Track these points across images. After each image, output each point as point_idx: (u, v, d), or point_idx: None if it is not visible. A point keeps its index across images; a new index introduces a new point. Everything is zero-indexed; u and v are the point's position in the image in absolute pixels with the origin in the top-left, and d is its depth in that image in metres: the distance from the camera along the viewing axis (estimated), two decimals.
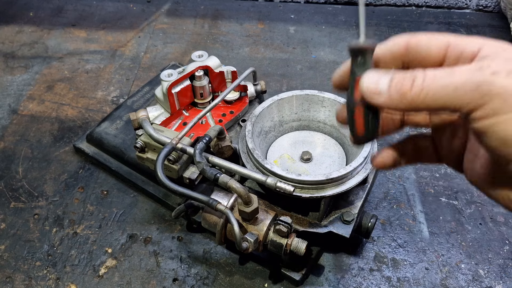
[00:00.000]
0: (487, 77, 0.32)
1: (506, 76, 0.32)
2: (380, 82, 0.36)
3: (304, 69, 1.22)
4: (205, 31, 1.36)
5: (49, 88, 1.16)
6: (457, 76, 0.33)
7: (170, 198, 0.87)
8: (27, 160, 0.98)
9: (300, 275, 0.76)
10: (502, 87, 0.31)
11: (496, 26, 1.37)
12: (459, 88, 0.33)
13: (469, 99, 0.33)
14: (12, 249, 0.83)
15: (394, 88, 0.35)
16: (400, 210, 0.89)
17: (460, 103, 0.33)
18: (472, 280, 0.79)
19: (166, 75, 0.79)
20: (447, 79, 0.33)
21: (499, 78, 0.32)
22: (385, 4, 1.46)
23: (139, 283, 0.78)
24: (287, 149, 0.80)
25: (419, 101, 0.34)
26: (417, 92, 0.34)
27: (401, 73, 0.35)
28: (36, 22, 1.38)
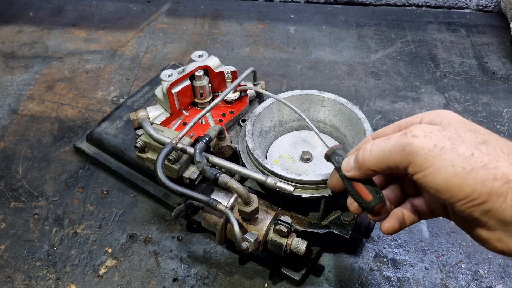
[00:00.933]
0: (409, 140, 0.42)
1: (424, 138, 0.41)
2: (350, 161, 0.50)
3: (304, 69, 1.22)
4: (205, 31, 1.36)
5: (49, 88, 1.16)
6: (390, 141, 0.43)
7: (170, 198, 0.87)
8: (27, 160, 0.98)
9: (300, 275, 0.76)
10: (419, 147, 0.41)
11: (496, 26, 1.37)
12: (392, 150, 0.43)
13: (400, 159, 0.42)
14: (12, 249, 0.83)
15: (355, 161, 0.48)
16: None
17: (395, 162, 0.43)
18: (472, 280, 0.79)
19: (166, 75, 0.79)
20: (384, 144, 0.44)
21: (417, 139, 0.41)
22: (385, 4, 1.46)
23: (139, 283, 0.78)
24: (287, 149, 0.80)
25: (369, 164, 0.46)
26: (366, 157, 0.46)
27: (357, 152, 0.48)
28: (36, 22, 1.38)
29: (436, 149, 0.41)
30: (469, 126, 0.43)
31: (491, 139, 0.42)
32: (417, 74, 1.21)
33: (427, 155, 0.41)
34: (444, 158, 0.40)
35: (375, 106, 1.11)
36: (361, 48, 1.29)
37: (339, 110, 0.78)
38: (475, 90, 1.16)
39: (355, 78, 1.19)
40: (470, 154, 0.40)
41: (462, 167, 0.40)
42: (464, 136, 0.42)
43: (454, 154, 0.40)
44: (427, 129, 0.42)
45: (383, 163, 0.45)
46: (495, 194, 0.39)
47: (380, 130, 0.51)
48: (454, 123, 0.43)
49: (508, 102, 1.12)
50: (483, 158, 0.40)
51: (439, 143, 0.41)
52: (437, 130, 0.42)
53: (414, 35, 1.34)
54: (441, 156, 0.40)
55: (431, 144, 0.41)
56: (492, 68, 1.22)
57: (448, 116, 0.45)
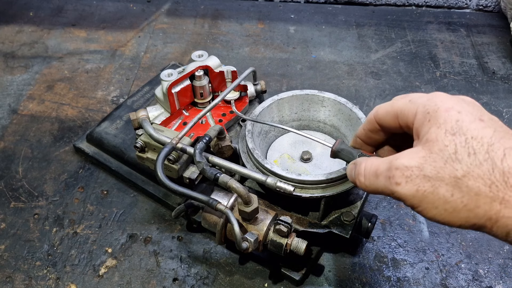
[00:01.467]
0: (394, 188, 0.44)
1: (405, 184, 0.43)
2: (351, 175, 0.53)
3: (304, 69, 1.22)
4: (205, 31, 1.36)
5: (49, 88, 1.16)
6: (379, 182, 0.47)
7: (170, 198, 0.87)
8: (27, 160, 0.98)
9: (300, 275, 0.76)
10: (404, 194, 0.44)
11: (496, 26, 1.37)
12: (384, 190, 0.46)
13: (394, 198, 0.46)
14: (12, 249, 0.83)
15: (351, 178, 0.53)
16: (400, 210, 0.89)
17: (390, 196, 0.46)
18: (472, 280, 0.79)
19: (166, 75, 0.79)
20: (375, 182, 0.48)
21: (400, 187, 0.44)
22: (385, 4, 1.46)
23: (139, 283, 0.78)
24: (287, 149, 0.80)
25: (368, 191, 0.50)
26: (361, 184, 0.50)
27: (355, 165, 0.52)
28: (36, 22, 1.38)
29: (418, 194, 0.42)
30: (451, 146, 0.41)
31: (473, 165, 0.40)
32: (417, 74, 1.21)
33: (413, 200, 0.43)
34: (427, 201, 0.42)
35: (375, 106, 1.11)
36: (361, 48, 1.29)
37: (339, 110, 0.78)
38: (475, 90, 1.16)
39: (355, 78, 1.19)
40: (449, 195, 0.41)
41: (443, 209, 0.42)
42: (443, 171, 0.41)
43: (434, 197, 0.42)
44: (406, 172, 0.43)
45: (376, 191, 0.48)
46: (481, 226, 0.41)
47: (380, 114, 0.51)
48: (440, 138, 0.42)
49: (508, 102, 1.12)
50: (463, 198, 0.41)
51: (420, 187, 0.42)
52: (417, 169, 0.42)
53: (414, 35, 1.34)
54: (424, 200, 0.42)
55: (413, 190, 0.43)
56: (492, 68, 1.22)
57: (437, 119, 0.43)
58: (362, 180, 0.50)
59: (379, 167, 0.47)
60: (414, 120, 0.46)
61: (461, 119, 0.42)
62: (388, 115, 0.50)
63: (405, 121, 0.48)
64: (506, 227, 0.40)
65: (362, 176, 0.50)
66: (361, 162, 0.50)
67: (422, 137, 0.44)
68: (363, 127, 0.55)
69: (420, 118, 0.45)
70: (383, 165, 0.46)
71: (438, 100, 0.45)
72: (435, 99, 0.45)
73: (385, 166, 0.46)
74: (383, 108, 0.51)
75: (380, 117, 0.51)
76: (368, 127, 0.54)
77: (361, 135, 0.56)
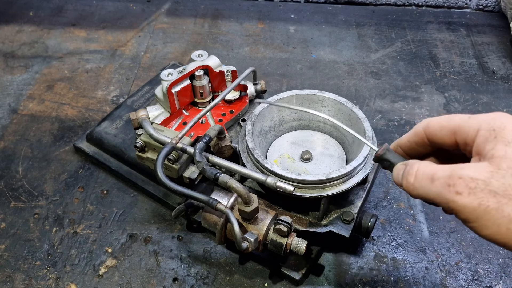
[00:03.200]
0: (453, 196, 0.41)
1: (468, 196, 0.41)
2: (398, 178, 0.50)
3: (304, 68, 1.22)
4: (205, 30, 1.36)
5: (49, 88, 1.16)
6: (434, 187, 0.43)
7: (170, 197, 0.87)
8: (27, 160, 0.98)
9: (300, 274, 0.76)
10: (463, 206, 0.41)
11: (496, 26, 1.37)
12: (436, 198, 0.43)
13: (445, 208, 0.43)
14: (12, 248, 0.83)
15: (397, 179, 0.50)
16: (400, 210, 0.89)
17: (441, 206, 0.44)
18: (472, 280, 0.79)
19: (166, 74, 0.79)
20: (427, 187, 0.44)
21: (461, 198, 0.41)
22: (385, 3, 1.46)
23: (139, 283, 0.78)
24: (287, 148, 0.80)
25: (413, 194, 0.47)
26: (410, 189, 0.47)
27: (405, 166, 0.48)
28: (36, 21, 1.38)
29: (480, 209, 0.40)
30: None
31: None
32: (417, 74, 1.21)
33: (471, 214, 0.41)
34: (488, 218, 0.40)
35: (375, 106, 1.11)
36: (361, 48, 1.29)
37: (339, 110, 0.78)
38: (475, 89, 1.16)
39: (355, 78, 1.19)
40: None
41: (506, 228, 0.40)
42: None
43: (498, 214, 0.40)
44: (471, 184, 0.41)
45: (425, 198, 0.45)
46: None
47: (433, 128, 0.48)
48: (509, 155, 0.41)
49: (508, 101, 1.12)
50: None
51: (483, 202, 0.40)
52: (483, 183, 0.40)
53: (414, 34, 1.34)
54: (485, 216, 0.40)
55: (475, 204, 0.40)
56: (492, 67, 1.22)
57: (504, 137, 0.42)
58: (411, 180, 0.46)
59: (438, 172, 0.44)
60: (476, 137, 0.44)
61: None
62: (443, 130, 0.47)
63: (463, 138, 0.45)
64: None
65: (412, 177, 0.46)
66: (414, 163, 0.47)
67: (487, 153, 0.42)
68: (407, 138, 0.52)
69: (484, 134, 0.43)
70: (443, 172, 0.43)
71: (504, 118, 0.43)
72: (500, 117, 0.44)
73: (445, 173, 0.43)
74: (436, 122, 0.48)
75: (432, 131, 0.48)
76: (414, 140, 0.51)
77: (404, 146, 0.53)
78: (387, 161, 0.52)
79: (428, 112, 1.09)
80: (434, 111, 1.10)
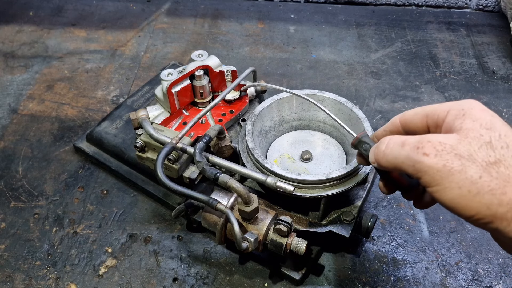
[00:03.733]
0: (420, 158, 0.43)
1: (434, 157, 0.42)
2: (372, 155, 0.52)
3: (304, 68, 1.22)
4: (205, 30, 1.36)
5: (49, 88, 1.16)
6: (403, 151, 0.45)
7: (170, 197, 0.87)
8: (27, 160, 0.98)
9: (300, 274, 0.77)
10: (429, 166, 0.42)
11: (496, 26, 1.37)
12: (404, 162, 0.45)
13: (411, 171, 0.45)
14: (12, 248, 0.83)
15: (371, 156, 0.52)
16: (400, 210, 0.89)
17: (407, 171, 0.45)
18: (472, 280, 0.79)
19: (166, 74, 0.79)
20: (397, 152, 0.46)
21: (428, 159, 0.43)
22: (385, 3, 1.46)
23: (139, 283, 0.78)
24: (287, 148, 0.80)
25: (384, 165, 0.49)
26: (381, 159, 0.49)
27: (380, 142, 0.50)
28: (36, 21, 1.38)
29: (444, 170, 0.42)
30: (486, 136, 0.42)
31: (507, 155, 0.41)
32: (417, 74, 1.21)
33: (436, 174, 0.42)
34: (452, 180, 0.41)
35: (375, 106, 1.11)
36: (361, 48, 1.29)
37: (339, 110, 0.78)
38: (475, 89, 1.16)
39: (355, 78, 1.19)
40: (478, 177, 0.41)
41: (467, 190, 0.41)
42: (476, 154, 0.42)
43: (462, 176, 0.41)
44: (439, 147, 0.43)
45: (396, 168, 0.47)
46: (499, 218, 0.41)
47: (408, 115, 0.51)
48: (475, 128, 0.43)
49: (508, 101, 1.12)
50: (491, 182, 0.40)
51: (448, 163, 0.42)
52: (450, 147, 0.42)
53: (414, 34, 1.34)
54: (448, 177, 0.41)
55: (440, 165, 0.42)
56: (492, 67, 1.22)
57: (472, 115, 0.45)
58: (382, 148, 0.49)
59: (408, 139, 0.46)
60: (447, 116, 0.47)
61: (494, 121, 0.44)
62: (416, 116, 0.50)
63: (435, 120, 0.48)
64: None
65: (384, 145, 0.49)
66: (387, 137, 0.50)
67: (456, 127, 0.45)
68: (383, 128, 0.55)
69: (454, 113, 0.46)
70: (413, 138, 0.46)
71: (473, 103, 0.46)
72: (470, 101, 0.47)
73: (415, 139, 0.45)
74: (411, 110, 0.52)
75: (407, 118, 0.51)
76: (389, 128, 0.54)
77: (380, 135, 0.55)
78: (365, 144, 0.56)
79: None
80: None
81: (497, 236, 0.44)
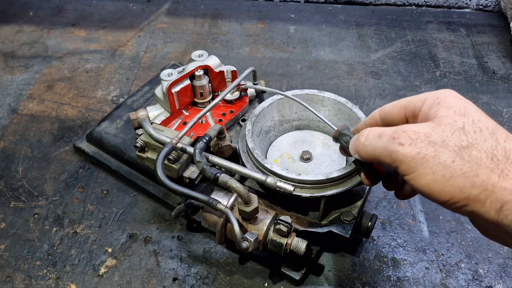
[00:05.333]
0: (396, 147, 0.45)
1: (409, 146, 0.44)
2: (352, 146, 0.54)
3: (304, 68, 1.22)
4: (205, 30, 1.36)
5: (49, 88, 1.16)
6: (381, 142, 0.47)
7: (170, 197, 0.87)
8: (27, 160, 0.98)
9: (300, 274, 0.77)
10: (404, 155, 0.44)
11: (496, 26, 1.37)
12: (382, 152, 0.47)
13: (388, 161, 0.46)
14: (12, 248, 0.83)
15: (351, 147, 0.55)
16: (400, 210, 0.89)
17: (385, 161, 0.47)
18: (472, 280, 0.79)
19: (166, 74, 0.79)
20: (375, 143, 0.48)
21: (402, 148, 0.44)
22: (385, 3, 1.46)
23: (139, 283, 0.78)
24: (287, 148, 0.80)
25: (364, 156, 0.51)
26: (360, 150, 0.51)
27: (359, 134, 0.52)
28: (36, 21, 1.38)
29: (418, 157, 0.43)
30: (460, 122, 0.44)
31: (479, 139, 0.43)
32: (417, 74, 1.21)
33: (411, 162, 0.44)
34: (426, 166, 0.43)
35: (375, 106, 1.11)
36: (361, 48, 1.29)
37: (339, 110, 0.78)
38: (475, 89, 1.16)
39: (355, 78, 1.19)
40: (451, 161, 0.42)
41: (441, 175, 0.42)
42: (449, 140, 0.43)
43: (435, 161, 0.43)
44: (413, 136, 0.44)
45: (375, 159, 0.49)
46: (472, 200, 0.42)
47: (386, 108, 0.53)
48: (449, 115, 0.45)
49: (508, 101, 1.12)
50: (463, 166, 0.42)
51: (422, 150, 0.43)
52: (423, 135, 0.44)
53: (414, 34, 1.34)
54: (422, 164, 0.43)
55: (414, 152, 0.44)
56: (492, 67, 1.22)
57: (447, 103, 0.46)
58: (362, 139, 0.51)
59: (385, 131, 0.48)
60: (422, 106, 0.48)
61: (468, 108, 0.45)
62: (394, 108, 0.52)
63: (412, 110, 0.50)
64: (500, 200, 0.40)
65: (363, 137, 0.51)
66: (366, 129, 0.52)
67: (431, 116, 0.46)
68: (364, 122, 0.57)
69: (429, 102, 0.47)
70: (390, 129, 0.47)
71: (448, 92, 0.48)
72: (445, 90, 0.48)
73: (392, 130, 0.47)
74: (389, 104, 0.53)
75: (386, 111, 0.53)
76: (369, 122, 0.56)
77: (360, 129, 0.57)
78: (346, 136, 0.58)
79: None
80: None
81: (475, 220, 0.46)
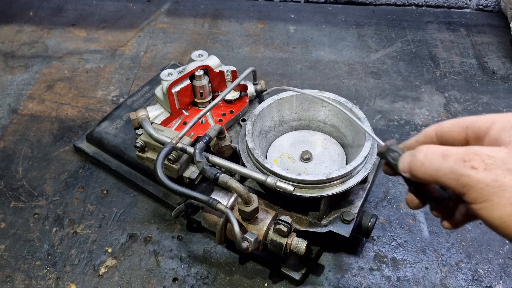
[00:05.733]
0: (467, 171, 0.39)
1: (483, 171, 0.39)
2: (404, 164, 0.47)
3: (304, 68, 1.22)
4: (205, 30, 1.36)
5: (49, 88, 1.16)
6: (446, 163, 0.41)
7: (170, 197, 0.87)
8: (27, 160, 0.98)
9: (300, 274, 0.77)
10: (477, 180, 0.39)
11: (496, 26, 1.37)
12: (446, 175, 0.41)
13: (454, 186, 0.41)
14: (12, 248, 0.83)
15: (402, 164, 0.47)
16: (400, 210, 0.89)
17: (448, 185, 0.41)
18: (472, 280, 0.79)
19: (166, 74, 0.79)
20: (438, 164, 0.42)
21: (475, 172, 0.39)
22: (385, 3, 1.46)
23: (139, 283, 0.78)
24: (287, 148, 0.80)
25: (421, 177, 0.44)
26: (417, 170, 0.44)
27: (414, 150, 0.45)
28: (36, 21, 1.38)
29: (495, 184, 0.38)
30: None
31: None
32: (417, 74, 1.21)
33: (484, 190, 0.39)
34: (502, 195, 0.38)
35: (375, 106, 1.11)
36: (361, 48, 1.29)
37: (339, 110, 0.78)
38: (475, 89, 1.16)
39: (355, 78, 1.19)
40: None
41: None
42: None
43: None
44: (487, 160, 0.39)
45: (435, 181, 0.43)
46: None
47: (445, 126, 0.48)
48: None
49: (508, 101, 1.12)
50: None
51: (499, 177, 0.38)
52: (500, 160, 0.39)
53: (414, 34, 1.34)
54: (498, 193, 0.38)
55: (489, 179, 0.39)
56: (492, 67, 1.22)
57: None
58: (420, 157, 0.44)
59: (450, 150, 0.42)
60: (491, 128, 0.44)
61: None
62: (454, 127, 0.47)
63: (475, 131, 0.45)
64: None
65: (422, 153, 0.44)
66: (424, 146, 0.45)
67: (503, 140, 0.41)
68: (416, 139, 0.51)
69: (500, 126, 0.43)
70: (456, 149, 0.41)
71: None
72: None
73: (459, 150, 0.41)
74: (448, 121, 0.48)
75: (445, 129, 0.48)
76: (423, 140, 0.50)
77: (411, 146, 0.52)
78: (394, 152, 0.51)
79: (428, 112, 1.09)
80: (434, 111, 1.10)
81: None
